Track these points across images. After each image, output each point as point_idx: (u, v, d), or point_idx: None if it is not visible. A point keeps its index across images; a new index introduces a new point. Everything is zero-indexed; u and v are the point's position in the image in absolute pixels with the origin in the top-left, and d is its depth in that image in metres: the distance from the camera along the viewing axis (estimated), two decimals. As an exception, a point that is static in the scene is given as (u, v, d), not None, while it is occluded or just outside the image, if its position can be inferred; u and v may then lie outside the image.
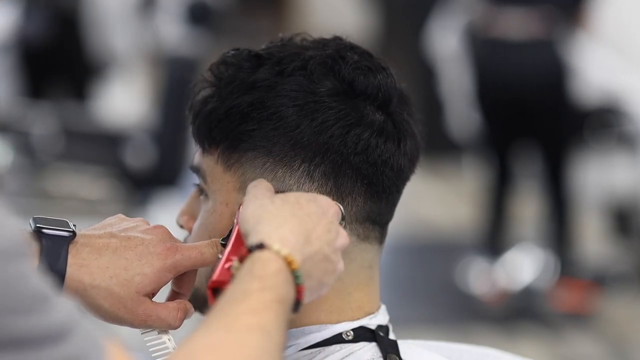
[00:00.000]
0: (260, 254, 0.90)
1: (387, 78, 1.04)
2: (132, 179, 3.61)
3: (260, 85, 1.02)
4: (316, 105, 1.01)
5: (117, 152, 3.65)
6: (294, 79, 1.02)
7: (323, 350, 1.03)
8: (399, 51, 6.15)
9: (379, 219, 1.05)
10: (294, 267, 0.90)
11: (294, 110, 1.01)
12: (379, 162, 1.02)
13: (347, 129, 1.01)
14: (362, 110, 1.02)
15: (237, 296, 0.87)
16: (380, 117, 1.03)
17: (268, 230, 0.92)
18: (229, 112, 1.02)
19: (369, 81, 1.03)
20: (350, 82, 1.02)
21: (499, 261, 4.15)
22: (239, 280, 0.89)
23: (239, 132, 1.02)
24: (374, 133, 1.02)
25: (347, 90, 1.02)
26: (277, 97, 1.01)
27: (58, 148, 3.54)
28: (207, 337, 0.84)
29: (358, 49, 1.06)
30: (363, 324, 1.04)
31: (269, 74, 1.02)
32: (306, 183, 1.01)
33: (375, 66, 1.04)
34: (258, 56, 1.04)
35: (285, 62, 1.03)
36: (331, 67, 1.02)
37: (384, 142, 1.02)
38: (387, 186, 1.04)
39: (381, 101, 1.03)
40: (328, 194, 1.01)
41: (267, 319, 0.86)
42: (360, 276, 1.05)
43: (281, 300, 0.88)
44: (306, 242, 0.92)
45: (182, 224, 1.10)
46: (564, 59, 3.99)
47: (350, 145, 1.01)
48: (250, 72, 1.03)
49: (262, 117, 1.01)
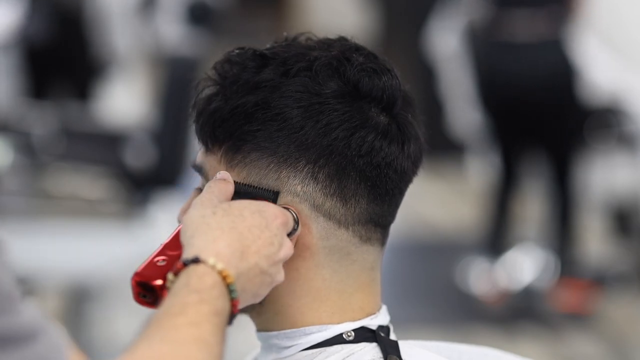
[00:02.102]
0: (196, 267, 0.92)
1: (392, 80, 1.04)
2: (132, 179, 3.60)
3: (265, 86, 1.02)
4: (321, 107, 1.01)
5: (117, 152, 3.64)
6: (299, 80, 1.02)
7: (324, 350, 1.03)
8: (399, 51, 6.15)
9: (382, 221, 1.05)
10: (228, 282, 0.92)
11: (299, 111, 1.01)
12: (383, 165, 1.02)
13: (352, 131, 1.01)
14: (366, 113, 1.02)
15: (175, 309, 0.89)
16: (385, 119, 1.03)
17: (204, 243, 0.94)
18: (233, 111, 1.02)
19: (373, 83, 1.03)
20: (355, 83, 1.02)
21: (499, 261, 4.15)
22: (176, 293, 0.91)
23: (243, 133, 1.02)
24: (378, 135, 1.02)
25: (352, 92, 1.02)
26: (281, 98, 1.01)
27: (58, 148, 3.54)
28: (148, 349, 0.86)
29: (363, 50, 1.06)
30: (364, 325, 1.04)
31: (273, 74, 1.02)
32: (310, 184, 1.01)
33: (381, 68, 1.04)
34: (263, 56, 1.04)
35: (290, 63, 1.03)
36: (336, 69, 1.02)
37: (388, 145, 1.02)
38: (390, 188, 1.04)
39: (386, 103, 1.03)
40: (332, 195, 1.01)
41: (207, 330, 0.88)
42: (362, 278, 1.05)
43: (218, 312, 0.90)
44: (242, 257, 0.94)
45: None
46: (572, 59, 3.99)
47: (354, 147, 1.01)
48: (255, 72, 1.03)
49: (266, 118, 1.01)
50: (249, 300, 0.96)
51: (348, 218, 1.02)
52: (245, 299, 0.95)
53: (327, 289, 1.04)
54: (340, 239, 1.03)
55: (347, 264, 1.03)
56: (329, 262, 1.03)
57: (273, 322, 1.05)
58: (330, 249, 1.03)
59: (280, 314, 1.04)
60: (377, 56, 1.06)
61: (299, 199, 1.02)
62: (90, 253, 3.19)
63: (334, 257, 1.03)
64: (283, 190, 1.01)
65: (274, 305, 1.04)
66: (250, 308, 1.05)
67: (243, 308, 1.02)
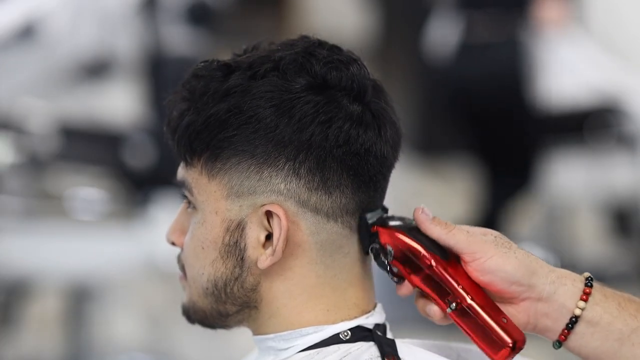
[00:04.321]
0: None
1: (360, 69, 1.05)
2: (132, 179, 3.60)
3: (235, 91, 1.02)
4: (292, 102, 1.01)
5: (117, 152, 3.64)
6: (268, 80, 1.02)
7: (321, 351, 1.03)
8: (399, 51, 6.16)
9: (370, 208, 1.05)
10: None
11: (272, 110, 1.01)
12: (362, 152, 1.03)
13: (327, 123, 1.01)
14: (339, 102, 1.02)
15: None
16: (358, 107, 1.03)
17: None
18: (207, 122, 1.02)
19: (342, 74, 1.03)
20: (323, 76, 1.03)
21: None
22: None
23: (219, 140, 1.02)
24: (353, 124, 1.02)
25: (321, 85, 1.03)
26: (253, 100, 1.01)
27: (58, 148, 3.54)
28: None
29: (326, 44, 1.06)
30: (360, 324, 1.04)
31: (242, 79, 1.02)
32: (293, 181, 1.02)
33: (347, 58, 1.05)
34: (228, 65, 1.04)
35: (256, 66, 1.03)
36: (302, 65, 1.03)
37: (364, 132, 1.03)
38: (373, 174, 1.04)
39: (357, 92, 1.03)
40: (316, 189, 1.02)
41: None
42: (355, 270, 1.06)
43: None
44: None
45: (174, 240, 1.11)
46: (525, 61, 3.99)
47: (331, 138, 1.01)
48: (223, 80, 1.03)
49: (240, 122, 1.01)
50: None
51: (336, 210, 1.02)
52: None
53: (321, 285, 1.04)
54: (330, 232, 1.03)
55: (340, 257, 1.04)
56: (321, 258, 1.04)
57: (268, 325, 1.06)
58: (322, 244, 1.03)
59: (275, 316, 1.05)
60: (341, 48, 1.06)
61: (283, 197, 1.02)
62: (90, 253, 3.19)
63: (326, 252, 1.04)
64: (267, 190, 1.02)
65: (269, 308, 1.05)
66: (247, 315, 1.06)
67: (240, 316, 1.04)
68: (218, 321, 1.08)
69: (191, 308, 1.09)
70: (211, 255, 1.05)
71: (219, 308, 1.07)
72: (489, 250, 1.02)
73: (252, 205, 1.03)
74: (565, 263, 4.17)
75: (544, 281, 1.01)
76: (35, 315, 3.67)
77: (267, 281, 1.04)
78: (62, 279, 3.34)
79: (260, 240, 1.03)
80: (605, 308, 1.00)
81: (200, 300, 1.07)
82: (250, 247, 1.03)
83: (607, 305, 1.01)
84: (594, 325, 1.00)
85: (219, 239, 1.04)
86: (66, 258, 3.19)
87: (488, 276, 1.01)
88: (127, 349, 3.58)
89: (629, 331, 1.00)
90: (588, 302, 1.00)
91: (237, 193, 1.03)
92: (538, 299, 1.01)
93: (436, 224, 1.03)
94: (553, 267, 1.04)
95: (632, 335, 1.00)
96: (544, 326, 1.02)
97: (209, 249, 1.05)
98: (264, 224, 1.03)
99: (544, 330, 1.03)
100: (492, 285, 1.01)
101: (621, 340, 1.00)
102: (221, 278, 1.05)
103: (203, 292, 1.06)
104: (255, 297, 1.05)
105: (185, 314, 1.11)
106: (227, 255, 1.04)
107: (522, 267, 1.01)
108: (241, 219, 1.03)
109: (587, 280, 1.02)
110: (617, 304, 1.01)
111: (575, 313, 1.00)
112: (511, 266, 1.01)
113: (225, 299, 1.05)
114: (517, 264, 1.01)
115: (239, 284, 1.04)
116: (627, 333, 1.00)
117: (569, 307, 1.01)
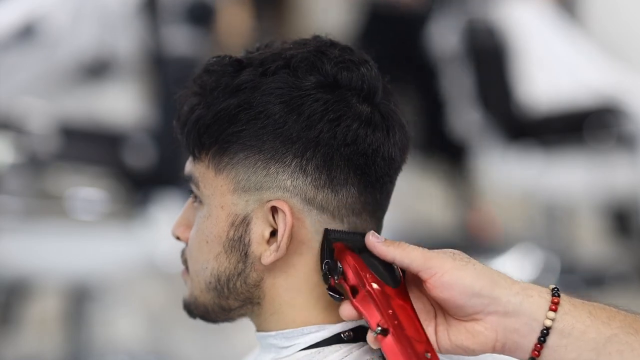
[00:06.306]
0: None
1: (371, 70, 1.05)
2: (132, 179, 3.60)
3: (245, 87, 1.02)
4: (301, 99, 1.01)
5: (117, 152, 3.64)
6: (278, 77, 1.02)
7: (322, 350, 1.03)
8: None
9: (375, 210, 1.05)
10: None
11: (281, 106, 1.01)
12: (370, 152, 1.02)
13: (336, 121, 1.01)
14: (348, 101, 1.02)
15: None
16: (367, 108, 1.03)
17: None
18: (216, 116, 1.03)
19: (353, 74, 1.03)
20: (334, 75, 1.03)
21: (499, 261, 4.15)
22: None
23: (227, 135, 1.02)
24: (362, 124, 1.02)
25: (331, 84, 1.03)
26: (262, 96, 1.02)
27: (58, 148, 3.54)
28: None
29: (338, 44, 1.07)
30: (362, 324, 1.04)
31: (253, 75, 1.03)
32: (300, 178, 1.02)
33: (358, 59, 1.05)
34: (239, 61, 1.05)
35: (267, 63, 1.03)
36: (314, 63, 1.03)
37: (372, 132, 1.03)
38: (380, 176, 1.04)
39: (367, 92, 1.04)
40: (323, 187, 1.02)
41: None
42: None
43: None
44: None
45: (179, 234, 1.11)
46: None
47: (339, 137, 1.01)
48: (234, 76, 1.03)
49: (249, 117, 1.02)
50: None
51: (341, 209, 1.02)
52: None
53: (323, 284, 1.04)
54: None
55: None
56: None
57: (270, 322, 1.06)
58: None
59: (277, 312, 1.05)
60: (352, 49, 1.07)
61: (289, 194, 1.02)
62: (90, 253, 3.19)
63: None
64: (273, 186, 1.02)
65: (272, 305, 1.05)
66: (249, 311, 1.06)
67: (243, 310, 1.03)
68: (220, 316, 1.09)
69: (192, 303, 1.09)
70: (215, 250, 1.05)
71: (221, 303, 1.07)
72: (445, 264, 0.99)
73: (258, 201, 1.03)
74: (565, 263, 4.17)
75: (507, 292, 0.98)
76: (35, 315, 3.67)
77: (270, 278, 1.04)
78: (62, 279, 3.34)
79: (265, 236, 1.03)
80: (576, 317, 0.96)
81: (203, 295, 1.07)
82: (254, 242, 1.03)
83: (578, 314, 0.97)
84: (567, 336, 0.96)
85: (223, 234, 1.04)
86: (66, 258, 3.19)
87: (447, 292, 0.98)
88: (127, 349, 3.58)
89: (603, 340, 0.96)
90: (558, 312, 0.96)
91: (244, 188, 1.03)
92: (505, 313, 0.97)
93: (389, 244, 1.01)
94: (516, 279, 1.00)
95: (607, 344, 0.96)
96: (514, 343, 0.97)
97: (214, 243, 1.05)
98: (269, 220, 1.03)
99: (514, 349, 0.98)
100: (452, 300, 0.98)
101: (597, 350, 0.96)
102: (224, 273, 1.05)
103: (206, 286, 1.06)
104: (258, 294, 1.05)
105: (186, 308, 1.11)
106: (231, 250, 1.04)
107: (481, 278, 0.98)
108: (246, 214, 1.03)
109: (554, 290, 0.98)
110: (587, 312, 0.97)
111: (546, 324, 0.96)
112: (469, 278, 0.98)
113: (228, 294, 1.05)
114: (476, 275, 0.98)
115: (242, 279, 1.04)
116: (602, 342, 0.96)
117: (538, 319, 0.97)
